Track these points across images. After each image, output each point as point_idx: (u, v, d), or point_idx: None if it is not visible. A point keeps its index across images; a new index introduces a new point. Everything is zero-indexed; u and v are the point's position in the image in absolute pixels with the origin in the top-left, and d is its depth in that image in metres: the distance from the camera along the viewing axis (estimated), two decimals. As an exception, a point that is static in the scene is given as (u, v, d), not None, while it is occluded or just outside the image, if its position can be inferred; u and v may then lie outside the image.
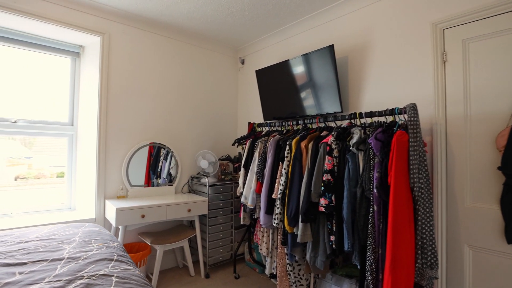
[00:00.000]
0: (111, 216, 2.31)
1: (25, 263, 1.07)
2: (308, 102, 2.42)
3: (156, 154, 2.85)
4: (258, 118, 3.17)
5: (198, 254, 2.71)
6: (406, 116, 1.62)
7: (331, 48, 2.15)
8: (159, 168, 2.89)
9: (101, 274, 0.96)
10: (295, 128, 2.45)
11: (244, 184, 2.49)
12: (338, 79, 2.18)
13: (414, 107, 1.55)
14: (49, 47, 2.56)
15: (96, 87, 2.53)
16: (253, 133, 2.76)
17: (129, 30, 2.68)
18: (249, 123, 2.87)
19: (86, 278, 0.93)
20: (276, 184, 2.15)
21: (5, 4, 2.10)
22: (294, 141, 2.09)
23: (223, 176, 3.07)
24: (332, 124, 2.27)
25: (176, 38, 2.98)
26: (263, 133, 2.67)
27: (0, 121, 2.37)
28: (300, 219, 1.90)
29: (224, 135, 3.39)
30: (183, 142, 3.05)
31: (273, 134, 2.49)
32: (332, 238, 1.78)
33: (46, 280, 0.93)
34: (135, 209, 2.29)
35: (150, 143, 2.80)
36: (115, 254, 1.19)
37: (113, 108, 2.59)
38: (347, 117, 1.98)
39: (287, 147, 2.11)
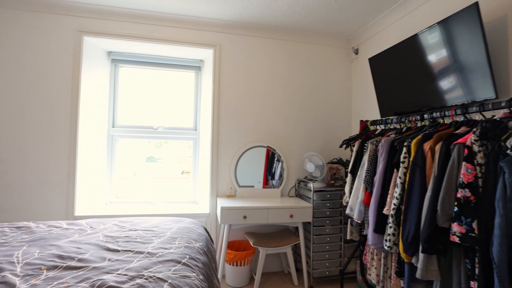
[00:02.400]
0: (218, 213, 2.48)
1: (118, 251, 1.23)
2: (444, 87, 1.79)
3: (271, 156, 2.89)
4: (377, 115, 2.66)
5: (302, 263, 2.52)
6: None
7: (474, 7, 1.50)
8: (273, 170, 2.91)
9: (157, 277, 0.97)
10: (419, 125, 1.87)
11: (350, 192, 2.12)
12: (488, 51, 1.49)
13: None
14: (178, 65, 3.04)
15: (210, 94, 2.81)
16: (365, 132, 2.32)
17: (236, 38, 2.83)
18: (361, 121, 2.44)
19: (144, 279, 0.96)
20: (389, 197, 1.70)
21: (145, 36, 2.63)
22: (414, 141, 1.58)
23: (332, 181, 2.76)
24: (476, 117, 1.58)
25: (280, 38, 2.92)
26: (376, 132, 2.20)
27: (147, 128, 3.00)
28: (420, 248, 1.41)
29: (335, 135, 3.05)
30: (290, 144, 2.95)
31: (389, 133, 2.00)
32: (473, 284, 1.22)
33: (118, 272, 1.02)
34: (238, 209, 2.36)
35: (253, 145, 2.85)
36: (186, 256, 1.20)
37: (223, 113, 2.80)
38: (503, 104, 1.32)
39: (404, 149, 1.63)
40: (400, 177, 1.61)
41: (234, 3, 2.38)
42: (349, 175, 2.19)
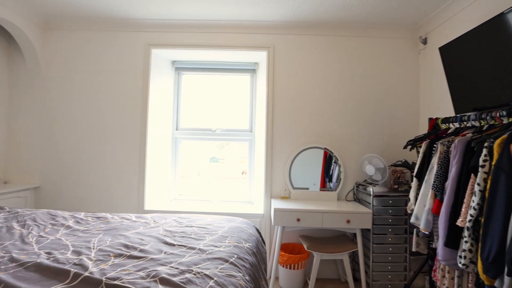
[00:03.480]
0: (272, 214, 2.48)
1: (173, 245, 1.33)
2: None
3: (329, 158, 2.79)
4: (450, 111, 2.33)
5: (360, 273, 2.35)
6: None
7: None
8: (330, 172, 2.81)
9: (204, 274, 1.00)
10: (505, 121, 1.57)
11: (416, 199, 1.89)
12: None
13: None
14: (234, 69, 3.16)
15: (264, 95, 2.83)
16: (435, 132, 2.05)
17: (289, 39, 2.80)
18: (430, 119, 2.17)
19: (192, 274, 1.01)
20: (464, 206, 1.46)
21: (204, 43, 2.80)
22: (497, 141, 1.34)
23: (396, 186, 2.51)
24: None
25: (335, 34, 2.78)
26: (449, 131, 1.93)
27: (206, 130, 3.18)
28: (506, 270, 1.18)
29: (399, 135, 2.77)
30: (347, 144, 2.79)
31: (464, 132, 1.73)
32: None
33: (171, 265, 1.09)
34: (291, 211, 2.32)
35: (308, 147, 2.77)
36: (234, 256, 1.22)
37: (278, 114, 2.79)
38: None
39: (484, 150, 1.39)
40: (478, 184, 1.38)
41: (286, 3, 2.36)
42: (414, 179, 1.96)
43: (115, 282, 0.90)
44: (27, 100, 2.83)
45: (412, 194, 1.96)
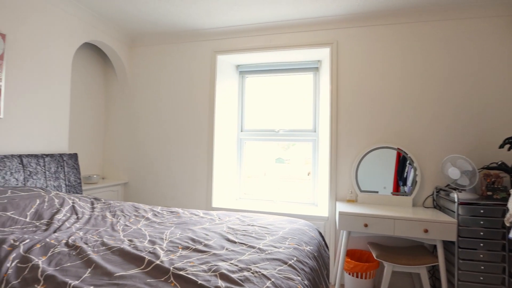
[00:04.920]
0: (337, 218, 2.37)
1: (235, 242, 1.37)
2: None
3: (402, 159, 2.54)
4: None
5: (443, 292, 2.05)
6: None
7: None
8: (405, 175, 2.55)
9: (262, 274, 1.01)
10: None
11: (517, 210, 1.56)
12: None
13: None
14: (296, 69, 3.12)
15: (327, 93, 2.73)
16: (545, 127, 1.66)
17: (353, 32, 2.62)
18: (538, 112, 1.76)
19: (250, 272, 1.02)
20: None
21: (265, 46, 2.84)
22: None
23: (489, 193, 2.12)
24: None
25: (406, 21, 2.49)
26: None
27: (269, 131, 3.22)
28: None
29: (493, 133, 2.33)
30: (425, 144, 2.47)
31: None
32: None
33: (231, 261, 1.13)
34: (358, 216, 2.17)
35: (377, 147, 2.54)
36: (294, 258, 1.20)
37: (342, 112, 2.65)
38: None
39: None
40: None
41: (350, -6, 2.22)
42: (515, 185, 1.62)
43: (181, 273, 0.98)
44: (118, 108, 3.31)
45: (510, 204, 1.62)
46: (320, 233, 1.84)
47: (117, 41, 3.08)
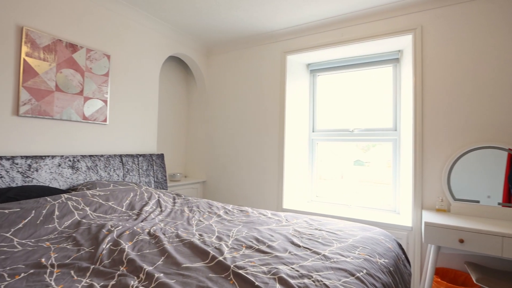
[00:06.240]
0: (422, 229, 2.05)
1: (299, 246, 1.32)
2: None
3: None
4: None
5: None
6: None
7: None
8: None
9: (324, 284, 0.93)
10: None
11: None
12: None
13: None
14: (372, 62, 2.85)
15: (410, 87, 2.40)
16: None
17: (441, 13, 2.24)
18: None
19: (311, 280, 0.95)
20: None
21: (337, 41, 2.69)
22: None
23: None
24: None
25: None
26: None
27: (342, 131, 3.03)
28: None
29: None
30: (550, 144, 1.93)
31: None
32: None
33: (292, 266, 1.08)
34: (450, 229, 1.83)
35: (476, 147, 2.09)
36: (363, 271, 1.08)
37: (429, 107, 2.29)
38: None
39: None
40: None
41: (437, -31, 1.90)
42: None
43: (240, 272, 0.99)
44: (197, 113, 3.63)
45: None
46: (400, 245, 1.62)
47: (196, 52, 3.38)
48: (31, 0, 1.94)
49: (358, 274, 1.04)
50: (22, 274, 0.98)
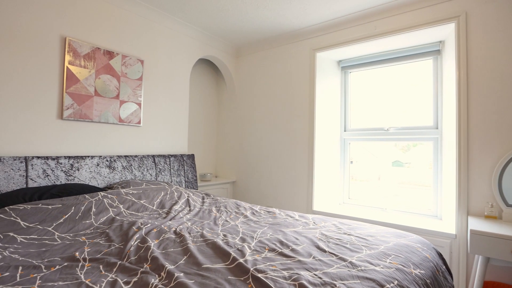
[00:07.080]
0: (468, 238, 1.85)
1: (325, 251, 1.25)
2: None
3: None
4: None
5: None
6: None
7: None
8: None
9: (348, 292, 0.87)
10: None
11: None
12: None
13: None
14: (409, 56, 2.66)
15: (453, 81, 2.19)
16: None
17: (493, -5, 2.01)
18: None
19: (334, 288, 0.90)
20: None
21: (369, 34, 2.55)
22: None
23: None
24: None
25: None
26: None
27: (377, 130, 2.87)
28: None
29: None
30: None
31: None
32: None
33: (315, 272, 1.03)
34: (502, 238, 1.63)
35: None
36: (394, 282, 0.99)
37: (475, 103, 2.07)
38: None
39: None
40: None
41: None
42: None
43: (259, 275, 0.96)
44: (227, 113, 3.67)
45: None
46: (440, 255, 1.48)
47: (225, 53, 3.42)
48: (73, 12, 2.10)
49: (388, 286, 0.96)
50: (57, 266, 1.05)
